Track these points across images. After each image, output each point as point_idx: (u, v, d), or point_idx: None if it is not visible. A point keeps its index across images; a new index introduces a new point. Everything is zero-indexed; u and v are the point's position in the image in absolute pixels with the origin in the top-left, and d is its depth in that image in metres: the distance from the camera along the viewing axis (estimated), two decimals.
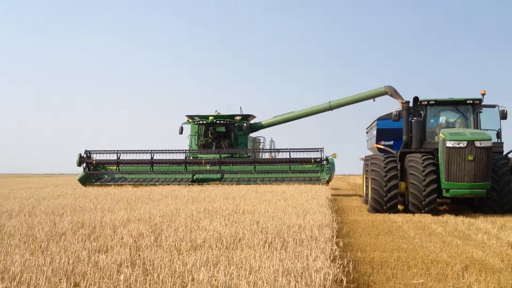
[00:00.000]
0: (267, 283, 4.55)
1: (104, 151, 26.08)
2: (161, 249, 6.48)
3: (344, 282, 5.46)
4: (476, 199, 15.04)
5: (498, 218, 13.04)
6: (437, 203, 14.81)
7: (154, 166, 25.52)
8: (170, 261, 5.64)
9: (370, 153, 21.62)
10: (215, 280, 4.66)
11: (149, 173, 25.44)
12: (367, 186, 17.48)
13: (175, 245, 6.81)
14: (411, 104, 16.06)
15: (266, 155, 27.92)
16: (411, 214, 14.23)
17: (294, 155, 24.67)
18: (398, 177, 15.15)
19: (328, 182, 24.06)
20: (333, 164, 24.73)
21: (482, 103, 15.88)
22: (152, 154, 25.54)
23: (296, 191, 17.35)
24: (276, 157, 26.54)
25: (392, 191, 14.88)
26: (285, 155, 25.19)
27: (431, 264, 7.40)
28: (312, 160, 24.50)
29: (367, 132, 24.78)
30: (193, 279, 4.78)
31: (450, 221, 12.63)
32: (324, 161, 24.44)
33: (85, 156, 25.83)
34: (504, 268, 7.10)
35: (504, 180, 14.29)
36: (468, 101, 15.74)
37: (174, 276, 4.82)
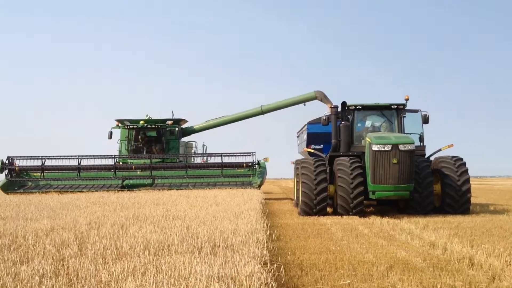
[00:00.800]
0: None
1: (27, 157, 24.98)
2: (86, 258, 6.24)
3: (275, 287, 5.50)
4: (400, 201, 15.65)
5: (421, 219, 13.60)
6: (364, 205, 15.27)
7: (81, 172, 24.70)
8: (96, 270, 5.44)
9: (301, 157, 21.99)
10: None
11: (76, 180, 24.60)
12: (297, 190, 17.75)
13: (100, 253, 6.59)
14: (339, 109, 16.50)
15: (199, 160, 27.78)
16: (340, 216, 14.58)
17: (226, 160, 24.70)
18: (327, 180, 15.48)
19: (260, 186, 24.22)
20: (264, 168, 24.94)
21: (406, 108, 16.55)
22: (79, 160, 24.72)
23: (228, 196, 17.33)
24: (208, 161, 26.43)
25: (322, 194, 15.19)
26: (217, 160, 25.16)
27: (357, 265, 7.59)
28: (244, 164, 24.60)
29: (298, 136, 25.20)
30: None
31: (376, 223, 13.04)
32: (256, 165, 24.60)
33: (7, 162, 24.63)
34: (426, 267, 7.40)
35: (426, 182, 14.95)
36: (392, 106, 16.36)
37: (100, 287, 4.65)
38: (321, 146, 20.44)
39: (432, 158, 16.41)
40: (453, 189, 15.09)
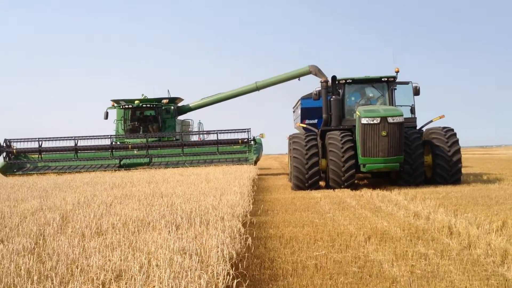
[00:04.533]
0: (162, 262, 4.60)
1: (25, 139, 25.15)
2: (65, 236, 6.36)
3: (245, 258, 5.60)
4: (392, 173, 15.71)
5: (411, 190, 13.68)
6: (356, 178, 15.34)
7: (78, 153, 24.85)
8: (70, 247, 5.56)
9: (296, 131, 22.04)
10: (109, 262, 4.65)
11: (73, 160, 24.78)
12: (291, 165, 17.84)
13: (81, 231, 6.71)
14: (329, 83, 16.47)
15: (195, 138, 27.88)
16: (332, 190, 14.67)
17: (222, 137, 24.75)
18: (319, 155, 15.55)
19: (256, 162, 24.34)
20: (260, 144, 25.02)
21: (396, 80, 16.50)
22: (76, 141, 24.86)
23: (220, 173, 17.45)
24: (204, 139, 26.52)
25: (313, 168, 15.27)
26: (213, 137, 25.24)
27: (337, 236, 7.70)
28: (240, 141, 24.67)
29: (293, 112, 25.22)
30: (88, 265, 4.75)
31: (365, 195, 13.14)
32: (252, 142, 24.67)
33: (4, 145, 24.81)
34: (403, 237, 7.50)
35: (417, 154, 14.98)
36: (383, 79, 16.31)
37: (67, 262, 4.76)
38: (315, 121, 20.46)
39: (424, 129, 16.42)
40: (444, 160, 15.12)
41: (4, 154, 24.81)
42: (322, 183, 16.12)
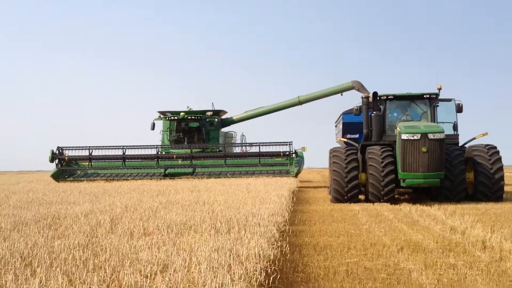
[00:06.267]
0: (202, 258, 5.06)
1: (76, 147, 26.37)
2: (115, 235, 6.92)
3: (280, 261, 5.97)
4: (433, 189, 15.74)
5: (451, 206, 13.70)
6: (397, 194, 15.46)
7: (126, 161, 25.84)
8: (120, 244, 6.09)
9: (338, 146, 22.29)
10: (155, 257, 5.14)
11: (121, 168, 25.78)
12: (331, 178, 18.10)
13: (129, 232, 7.26)
14: (370, 99, 16.71)
15: (238, 150, 28.47)
16: (371, 204, 14.86)
17: (264, 149, 25.22)
18: (358, 169, 15.78)
19: (297, 174, 24.67)
20: (302, 157, 25.36)
21: (439, 97, 16.59)
22: (124, 150, 25.88)
23: (261, 184, 17.88)
24: (247, 151, 27.07)
25: (353, 182, 15.51)
26: (255, 149, 25.75)
27: (370, 246, 7.98)
28: (281, 153, 25.08)
29: (335, 126, 25.49)
30: (137, 259, 5.25)
31: (404, 209, 13.27)
32: (293, 154, 25.03)
33: (57, 152, 26.06)
34: (435, 249, 7.70)
35: (458, 170, 15.01)
36: (425, 96, 16.43)
37: (119, 256, 5.28)
38: (356, 136, 20.72)
39: (467, 146, 16.42)
40: (486, 177, 15.08)
41: (57, 161, 26.06)
42: (362, 197, 16.31)
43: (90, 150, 26.07)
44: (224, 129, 29.90)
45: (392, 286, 5.71)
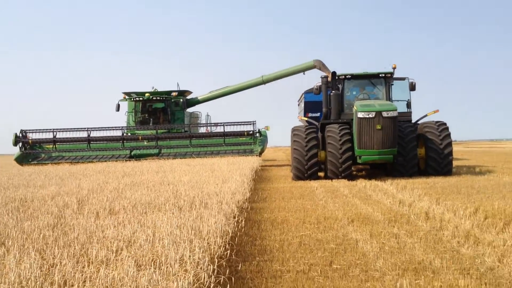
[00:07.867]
0: (165, 234, 5.55)
1: (40, 130, 26.16)
2: (82, 216, 7.33)
3: (238, 236, 6.49)
4: (388, 165, 16.55)
5: (403, 181, 14.47)
6: (355, 170, 16.19)
7: (91, 143, 25.89)
8: (87, 223, 6.52)
9: (300, 124, 22.91)
10: (121, 234, 5.61)
11: (86, 151, 25.82)
12: (292, 156, 18.72)
13: (95, 212, 7.67)
14: (329, 79, 17.31)
15: (203, 130, 28.83)
16: (330, 180, 15.56)
17: (228, 129, 25.66)
18: (318, 147, 16.43)
19: (260, 153, 25.24)
20: (265, 137, 25.92)
21: (393, 76, 17.31)
22: (89, 132, 25.90)
23: (225, 163, 18.38)
24: (212, 131, 27.46)
25: (312, 159, 16.16)
26: (220, 129, 26.17)
27: (323, 220, 8.61)
28: (245, 133, 25.57)
29: (298, 105, 26.10)
30: (104, 237, 5.70)
31: (359, 185, 14.01)
32: (257, 134, 25.56)
33: (20, 135, 25.85)
34: (381, 221, 8.39)
35: (410, 147, 15.82)
36: (380, 75, 17.13)
37: (87, 234, 5.72)
38: (317, 114, 21.36)
39: (420, 124, 17.22)
40: (436, 152, 15.94)
41: (20, 144, 25.86)
42: (321, 174, 16.99)
43: (54, 133, 25.95)
44: (190, 110, 30.17)
45: (340, 254, 6.33)
